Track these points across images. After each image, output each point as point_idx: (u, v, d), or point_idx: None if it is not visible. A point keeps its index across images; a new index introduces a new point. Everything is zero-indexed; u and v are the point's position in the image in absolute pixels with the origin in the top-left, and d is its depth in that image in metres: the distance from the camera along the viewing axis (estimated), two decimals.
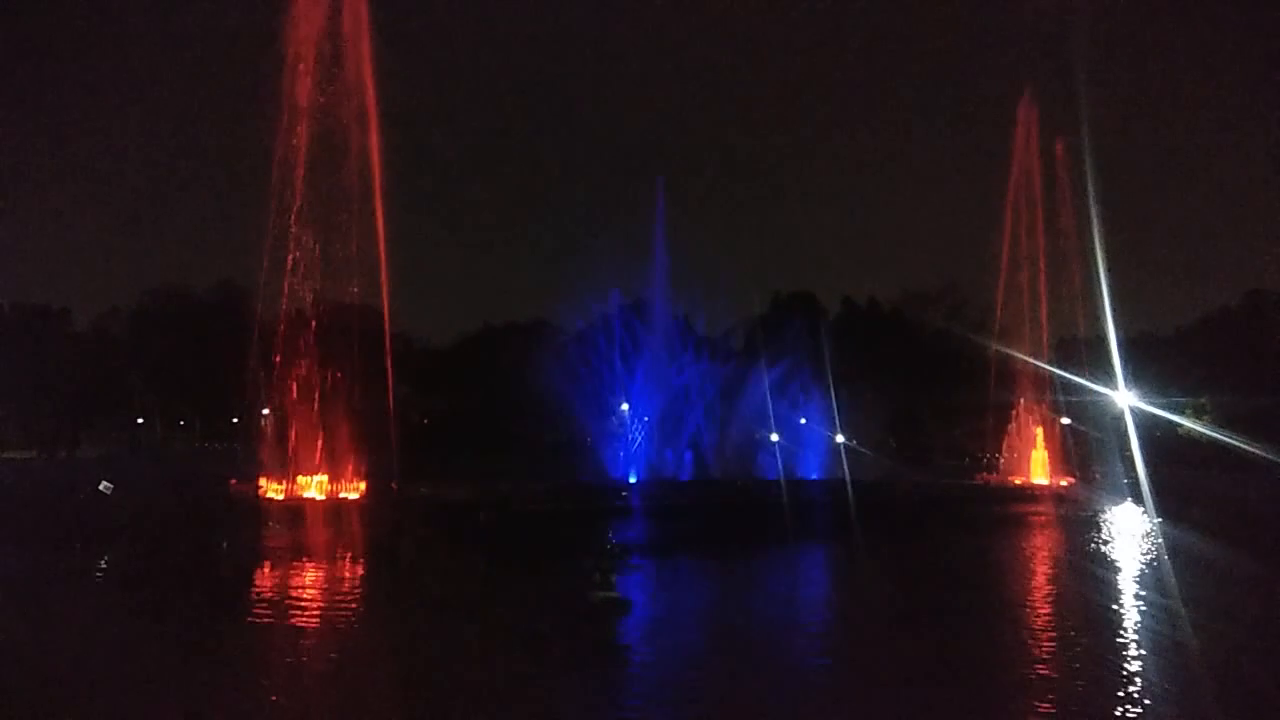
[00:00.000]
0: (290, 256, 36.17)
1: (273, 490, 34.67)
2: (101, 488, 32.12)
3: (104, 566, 24.29)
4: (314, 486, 35.26)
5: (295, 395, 36.40)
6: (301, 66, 36.07)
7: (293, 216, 36.04)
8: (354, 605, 20.14)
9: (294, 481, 35.24)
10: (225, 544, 27.56)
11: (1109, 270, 45.11)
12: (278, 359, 36.04)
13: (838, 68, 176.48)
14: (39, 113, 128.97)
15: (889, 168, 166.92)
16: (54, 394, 67.36)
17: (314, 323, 37.45)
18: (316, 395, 36.67)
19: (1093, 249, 44.86)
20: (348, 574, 24.69)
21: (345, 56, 36.99)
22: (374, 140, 37.71)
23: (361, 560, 26.61)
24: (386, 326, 40.01)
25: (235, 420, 78.42)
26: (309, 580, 22.97)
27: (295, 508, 32.58)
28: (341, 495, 34.94)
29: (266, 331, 36.29)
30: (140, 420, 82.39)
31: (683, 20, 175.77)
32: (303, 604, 19.62)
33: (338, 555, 26.92)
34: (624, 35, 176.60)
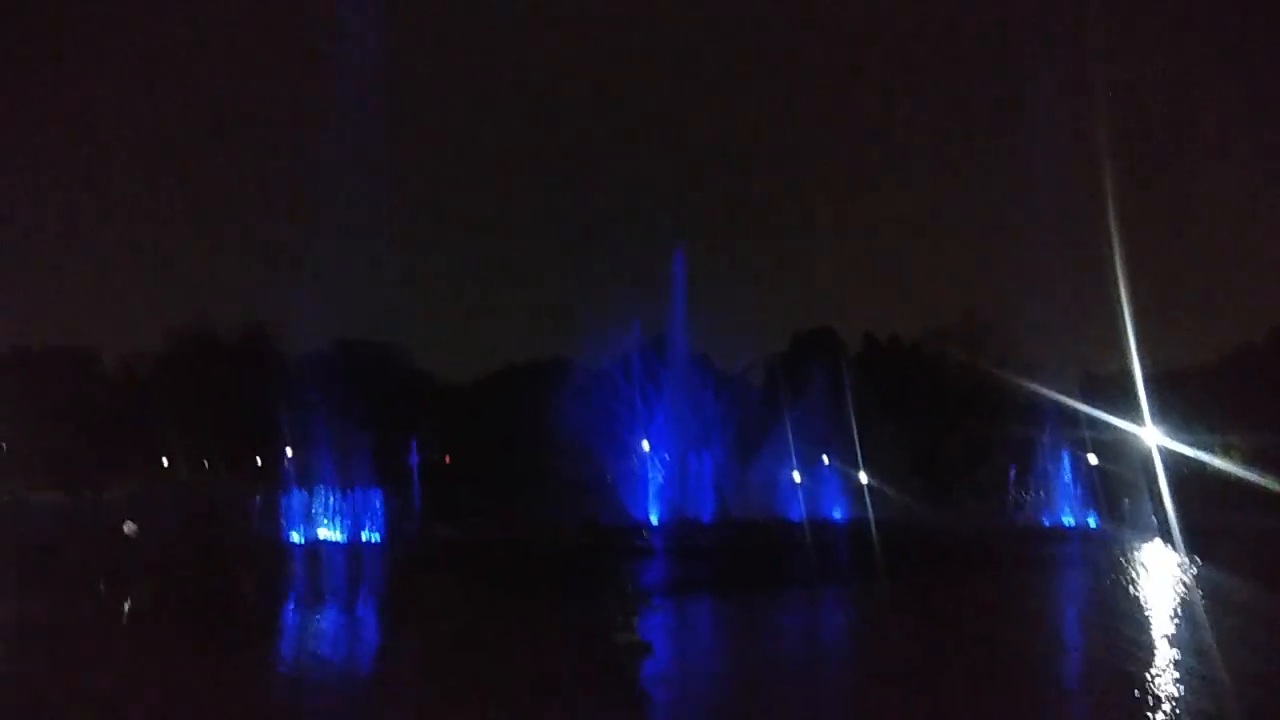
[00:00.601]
0: (314, 297, 36.66)
1: (294, 532, 34.78)
2: (125, 529, 32.37)
3: (127, 608, 24.38)
4: (335, 527, 35.33)
5: (317, 436, 36.71)
6: (324, 111, 36.74)
7: (318, 258, 36.60)
8: (374, 649, 20.09)
9: (316, 523, 35.34)
10: (247, 587, 27.64)
11: (1133, 305, 44.73)
12: (301, 400, 36.39)
13: (856, 104, 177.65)
14: (67, 154, 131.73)
15: (909, 203, 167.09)
16: (81, 435, 68.07)
17: (337, 362, 37.86)
18: (338, 435, 36.98)
19: (1116, 283, 44.54)
20: (368, 617, 24.64)
21: (366, 100, 37.65)
22: (395, 178, 38.20)
23: (381, 603, 26.58)
24: (409, 365, 40.17)
25: (259, 462, 78.93)
26: (329, 624, 22.94)
27: (316, 550, 32.68)
28: (363, 537, 34.98)
29: (290, 373, 36.68)
30: (165, 462, 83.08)
31: (704, 60, 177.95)
32: (323, 648, 19.58)
33: (358, 598, 26.91)
34: (645, 72, 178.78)
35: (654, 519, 47.06)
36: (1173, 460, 51.07)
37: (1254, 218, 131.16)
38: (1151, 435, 49.24)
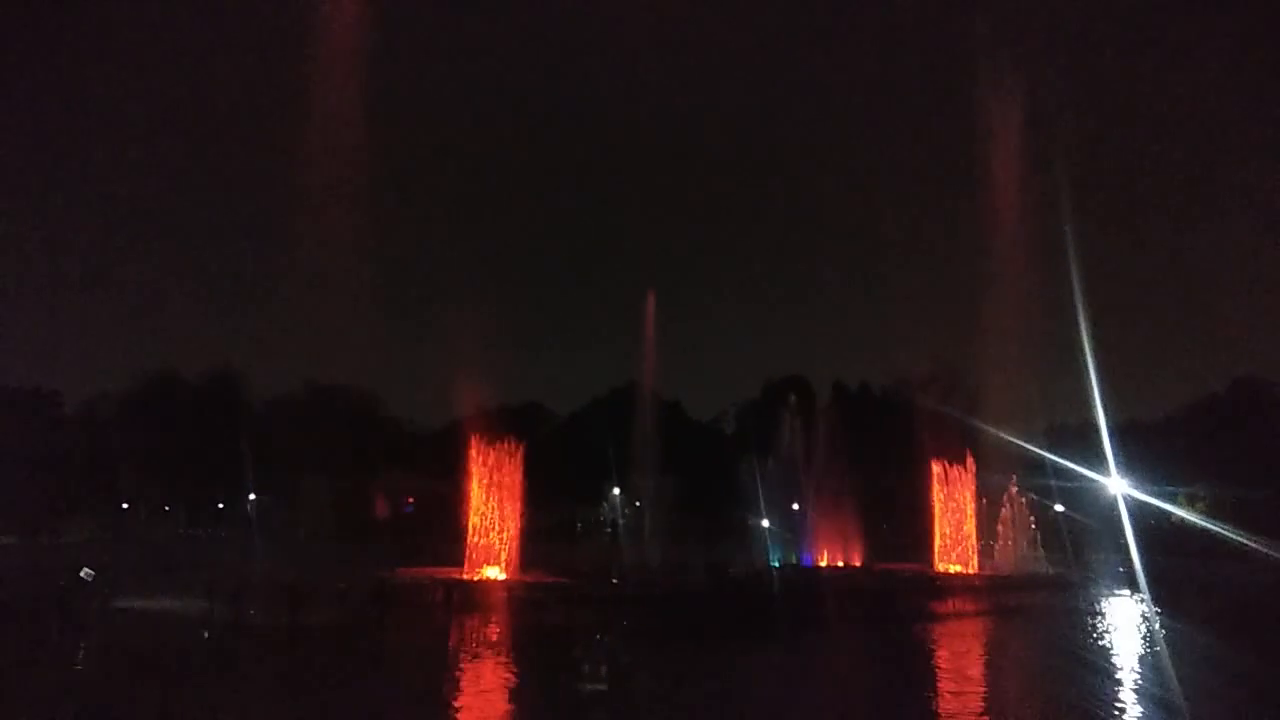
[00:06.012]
0: (284, 342, 36.48)
1: (255, 574, 34.06)
2: (82, 574, 31.57)
3: (81, 655, 23.71)
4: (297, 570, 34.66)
5: (282, 480, 36.29)
6: (295, 152, 36.75)
7: (289, 302, 36.48)
8: (333, 695, 19.56)
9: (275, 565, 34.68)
10: (206, 633, 27.07)
11: (1096, 357, 45.43)
12: (266, 444, 36.00)
13: (828, 154, 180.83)
14: (33, 192, 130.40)
15: (879, 253, 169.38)
16: (40, 477, 66.58)
17: (305, 407, 37.57)
18: (303, 480, 36.60)
19: (1079, 336, 45.26)
20: (328, 662, 24.04)
21: (339, 143, 37.73)
22: (368, 223, 38.22)
23: (343, 647, 26.00)
24: (378, 410, 39.76)
25: (220, 506, 77.43)
26: (282, 666, 22.41)
27: (276, 592, 31.96)
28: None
29: (256, 416, 36.32)
30: (125, 505, 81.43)
31: (672, 105, 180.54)
32: (273, 690, 19.10)
33: (316, 642, 26.35)
34: (615, 119, 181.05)
35: (624, 564, 46.76)
36: (1138, 509, 51.57)
37: (1217, 270, 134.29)
38: (1117, 485, 49.71)
